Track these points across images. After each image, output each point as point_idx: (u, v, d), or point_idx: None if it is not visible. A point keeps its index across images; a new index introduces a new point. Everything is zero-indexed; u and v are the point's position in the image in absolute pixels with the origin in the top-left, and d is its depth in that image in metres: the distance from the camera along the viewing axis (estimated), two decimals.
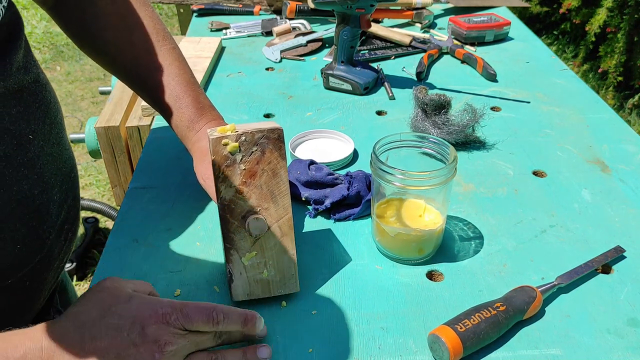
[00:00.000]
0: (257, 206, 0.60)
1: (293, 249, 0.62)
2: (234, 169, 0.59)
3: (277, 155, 0.60)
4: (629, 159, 0.89)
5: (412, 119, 0.95)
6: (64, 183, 0.65)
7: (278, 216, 0.61)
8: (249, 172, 0.59)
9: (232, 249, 0.60)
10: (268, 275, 0.62)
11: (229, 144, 0.58)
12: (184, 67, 0.75)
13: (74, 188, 0.68)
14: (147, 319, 0.49)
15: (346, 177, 0.78)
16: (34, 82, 0.59)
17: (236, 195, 0.59)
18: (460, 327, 0.56)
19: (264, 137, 0.59)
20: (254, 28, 1.42)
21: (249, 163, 0.59)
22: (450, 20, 1.36)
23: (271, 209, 0.61)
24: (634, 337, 0.59)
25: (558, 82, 1.14)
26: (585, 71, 2.91)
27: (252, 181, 0.59)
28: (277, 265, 0.62)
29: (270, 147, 0.59)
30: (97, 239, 1.97)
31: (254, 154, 0.59)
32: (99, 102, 2.97)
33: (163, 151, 0.92)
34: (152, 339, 0.48)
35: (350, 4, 1.00)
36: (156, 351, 0.48)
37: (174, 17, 3.97)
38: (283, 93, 1.12)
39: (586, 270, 0.66)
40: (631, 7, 2.57)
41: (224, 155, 0.58)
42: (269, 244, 0.61)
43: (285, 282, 0.63)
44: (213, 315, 0.51)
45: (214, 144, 0.58)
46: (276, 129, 0.59)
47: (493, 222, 0.76)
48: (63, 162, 0.64)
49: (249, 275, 0.61)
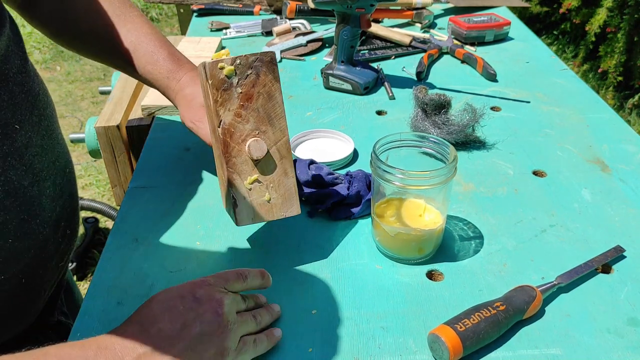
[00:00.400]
0: (256, 129, 0.63)
1: (292, 171, 0.65)
2: (231, 92, 0.61)
3: (271, 77, 0.63)
4: (629, 159, 0.89)
5: (412, 118, 0.95)
6: (58, 177, 0.65)
7: (276, 139, 0.64)
8: (246, 95, 0.62)
9: (235, 172, 0.62)
10: (270, 199, 0.64)
11: (225, 68, 0.60)
12: (153, 28, 0.78)
13: (70, 185, 0.68)
14: (192, 288, 0.52)
15: (346, 177, 0.78)
16: (20, 72, 0.59)
17: (235, 119, 0.62)
18: (460, 327, 0.56)
19: (257, 59, 0.62)
20: (254, 28, 1.42)
21: (245, 86, 0.62)
22: (450, 20, 1.36)
23: (269, 131, 0.64)
24: (634, 336, 0.59)
25: (558, 82, 1.14)
26: (585, 71, 2.91)
27: (249, 104, 0.62)
28: (278, 188, 0.64)
29: (264, 70, 0.62)
30: (97, 239, 1.97)
31: (249, 77, 0.62)
32: (99, 102, 2.97)
33: (163, 151, 0.92)
34: (207, 299, 0.52)
35: (350, 3, 1.00)
36: (217, 307, 0.52)
37: (174, 17, 3.97)
38: (283, 93, 1.11)
39: (586, 270, 0.66)
40: (631, 7, 2.57)
41: (221, 78, 0.61)
42: (269, 167, 0.64)
43: (286, 205, 0.65)
44: (240, 273, 0.57)
45: (211, 68, 0.60)
46: (269, 52, 0.62)
47: (493, 221, 0.76)
48: (56, 156, 0.65)
49: (252, 200, 0.64)
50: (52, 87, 3.10)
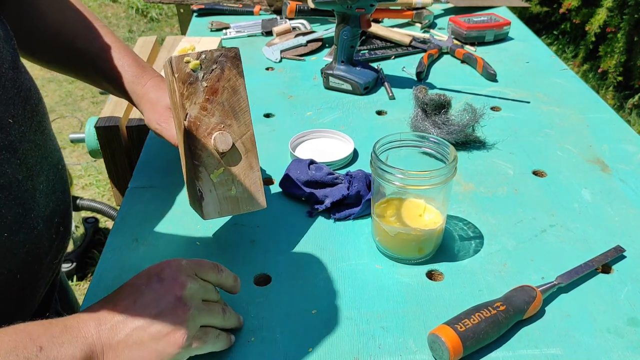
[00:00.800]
0: (221, 123, 0.64)
1: (257, 165, 0.66)
2: (197, 86, 0.63)
3: (235, 72, 0.64)
4: (629, 159, 0.89)
5: (412, 118, 0.95)
6: (51, 173, 0.65)
7: (241, 132, 0.65)
8: (211, 90, 0.64)
9: (201, 165, 0.64)
10: (236, 192, 0.66)
11: (190, 62, 0.62)
12: (117, 38, 0.80)
13: (62, 182, 0.69)
14: (161, 270, 0.53)
15: (346, 177, 0.78)
16: (12, 68, 0.60)
17: (201, 112, 0.63)
18: (460, 327, 0.56)
19: (222, 55, 0.64)
20: (254, 28, 1.42)
21: (211, 80, 0.63)
22: (450, 20, 1.36)
23: (234, 125, 0.65)
24: (634, 336, 0.59)
25: (558, 82, 1.14)
26: (585, 71, 2.91)
27: (214, 98, 0.64)
28: (244, 181, 0.66)
29: (229, 65, 0.64)
30: (97, 239, 1.97)
31: (214, 71, 0.63)
32: (99, 102, 2.97)
33: (163, 151, 0.92)
34: (171, 280, 0.52)
35: (350, 3, 1.00)
36: (178, 289, 0.52)
37: (174, 17, 3.97)
38: (283, 93, 1.12)
39: (586, 270, 0.66)
40: (631, 7, 2.57)
41: (187, 72, 0.62)
42: (235, 160, 0.65)
43: (252, 199, 0.66)
44: (217, 266, 0.58)
45: (176, 62, 0.62)
46: (233, 48, 0.64)
47: (493, 221, 0.76)
48: (49, 152, 0.65)
49: (218, 193, 0.65)
50: (52, 87, 3.10)
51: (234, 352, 0.58)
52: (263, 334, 0.60)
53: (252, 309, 0.63)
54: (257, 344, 0.59)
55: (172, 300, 0.51)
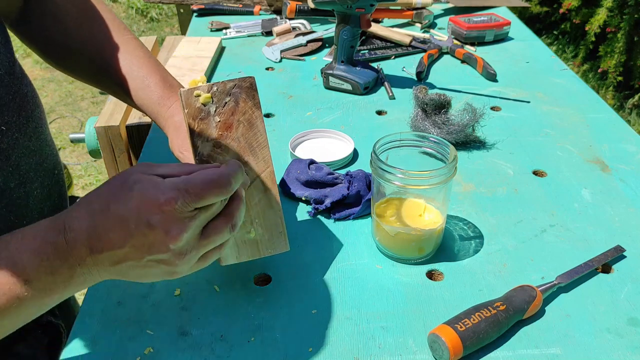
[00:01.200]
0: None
1: (278, 204, 0.60)
2: (208, 121, 0.57)
3: (251, 104, 0.58)
4: (629, 159, 0.89)
5: (412, 118, 0.95)
6: (46, 179, 0.64)
7: (259, 170, 0.59)
8: (225, 125, 0.57)
9: None
10: (255, 235, 0.60)
11: (201, 95, 0.56)
12: (147, 52, 0.75)
13: (58, 186, 0.68)
14: (150, 210, 0.46)
15: (346, 177, 0.78)
16: (8, 74, 0.59)
17: (214, 150, 0.57)
18: (460, 327, 0.56)
19: (235, 86, 0.57)
20: (254, 28, 1.42)
21: (224, 114, 0.57)
22: (450, 20, 1.36)
23: (251, 162, 0.59)
24: (634, 336, 0.59)
25: (558, 82, 1.14)
26: (585, 71, 2.91)
27: (228, 134, 0.58)
28: (263, 223, 0.60)
29: (243, 97, 0.58)
30: None
31: (227, 104, 0.57)
32: (99, 102, 2.97)
33: (163, 151, 0.92)
34: (161, 230, 0.46)
35: (350, 3, 1.00)
36: (169, 242, 0.46)
37: (174, 17, 3.97)
38: (283, 93, 1.12)
39: (586, 270, 0.66)
40: (631, 7, 2.57)
41: (197, 107, 0.56)
42: (253, 201, 0.59)
43: (273, 241, 0.61)
44: (223, 182, 0.48)
45: (185, 96, 0.56)
46: (248, 77, 0.58)
47: (493, 221, 0.76)
48: (44, 158, 0.64)
49: (236, 237, 0.59)
50: (52, 87, 3.10)
51: (234, 352, 0.58)
52: (263, 334, 0.60)
53: (252, 309, 0.63)
54: (257, 344, 0.59)
55: (165, 250, 0.47)
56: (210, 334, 0.60)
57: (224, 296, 0.64)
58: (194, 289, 0.65)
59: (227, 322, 0.61)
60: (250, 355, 0.57)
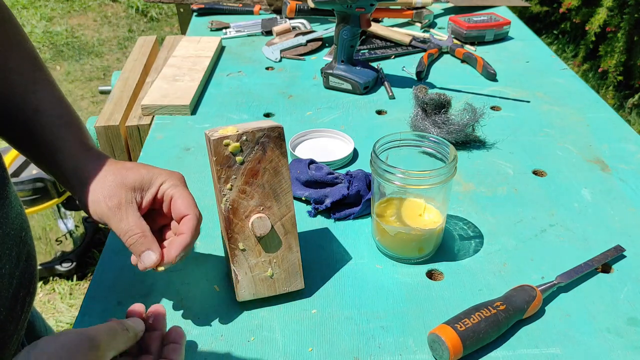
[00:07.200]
0: (260, 205, 0.60)
1: (297, 246, 0.63)
2: (235, 169, 0.59)
3: (278, 153, 0.60)
4: (629, 159, 0.89)
5: (412, 118, 0.95)
6: (14, 248, 0.56)
7: (281, 214, 0.61)
8: (251, 172, 0.59)
9: (237, 249, 0.60)
10: (273, 274, 0.62)
11: (230, 144, 0.58)
12: (62, 98, 0.63)
13: (26, 247, 0.60)
14: None
15: (346, 177, 0.78)
16: None
17: (239, 195, 0.60)
18: (460, 326, 0.56)
19: (264, 135, 0.59)
20: (254, 27, 1.42)
21: (251, 162, 0.59)
22: (450, 20, 1.36)
23: (274, 207, 0.61)
24: (634, 336, 0.59)
25: (558, 82, 1.14)
26: (585, 71, 2.91)
27: (254, 180, 0.60)
28: (281, 263, 0.62)
29: (271, 146, 0.59)
30: (97, 238, 1.96)
31: (255, 153, 0.59)
32: (98, 101, 2.97)
33: (163, 151, 0.92)
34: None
35: (350, 3, 1.00)
36: None
37: (174, 17, 3.97)
38: (283, 92, 1.12)
39: (586, 270, 0.66)
40: (631, 6, 2.57)
41: (226, 155, 0.58)
42: (273, 243, 0.62)
43: (290, 279, 0.63)
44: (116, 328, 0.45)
45: (215, 144, 0.57)
46: (276, 127, 0.59)
47: (493, 221, 0.76)
48: (9, 227, 0.56)
49: (254, 275, 0.62)
50: None
51: (234, 352, 0.58)
52: (263, 334, 0.60)
53: (252, 309, 0.63)
54: (257, 344, 0.59)
55: None
56: (210, 334, 0.60)
57: (224, 296, 0.64)
58: (194, 289, 0.65)
59: (227, 322, 0.61)
60: (250, 355, 0.57)
